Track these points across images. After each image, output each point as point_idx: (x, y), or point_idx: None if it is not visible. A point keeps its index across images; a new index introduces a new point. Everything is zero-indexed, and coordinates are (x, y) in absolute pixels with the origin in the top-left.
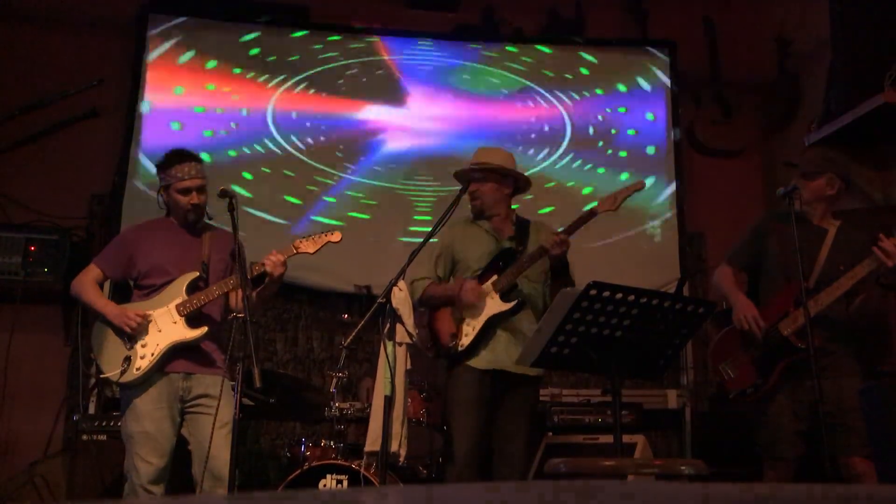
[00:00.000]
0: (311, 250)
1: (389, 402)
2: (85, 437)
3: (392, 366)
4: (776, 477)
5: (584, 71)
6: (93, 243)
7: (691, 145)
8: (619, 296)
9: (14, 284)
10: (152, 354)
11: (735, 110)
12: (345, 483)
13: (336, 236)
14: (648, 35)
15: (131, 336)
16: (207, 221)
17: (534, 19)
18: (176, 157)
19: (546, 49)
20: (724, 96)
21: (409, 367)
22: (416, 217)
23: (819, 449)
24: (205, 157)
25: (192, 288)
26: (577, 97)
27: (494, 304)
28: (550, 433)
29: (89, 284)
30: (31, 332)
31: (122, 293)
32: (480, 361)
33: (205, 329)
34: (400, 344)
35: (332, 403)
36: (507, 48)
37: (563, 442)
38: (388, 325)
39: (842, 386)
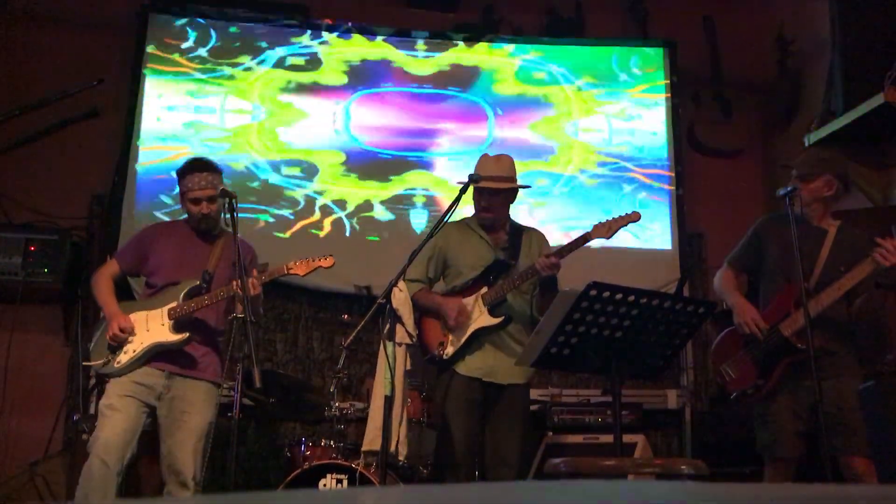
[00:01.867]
0: (302, 272)
1: (389, 402)
2: (85, 437)
3: (392, 366)
4: (777, 477)
5: (583, 71)
6: (93, 243)
7: (691, 145)
8: (619, 296)
9: (14, 284)
10: (134, 351)
11: (735, 110)
12: (345, 483)
13: (328, 262)
14: (648, 35)
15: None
16: (225, 228)
17: (534, 19)
18: (189, 167)
19: (545, 48)
20: (724, 96)
21: (408, 367)
22: (416, 218)
23: (819, 449)
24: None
25: (191, 295)
26: (575, 97)
27: (482, 318)
28: (550, 433)
29: (103, 279)
30: (31, 332)
31: (119, 291)
32: (467, 368)
33: (185, 335)
34: (400, 344)
35: (332, 403)
36: (506, 47)
37: (563, 442)
38: (387, 326)
39: (842, 386)
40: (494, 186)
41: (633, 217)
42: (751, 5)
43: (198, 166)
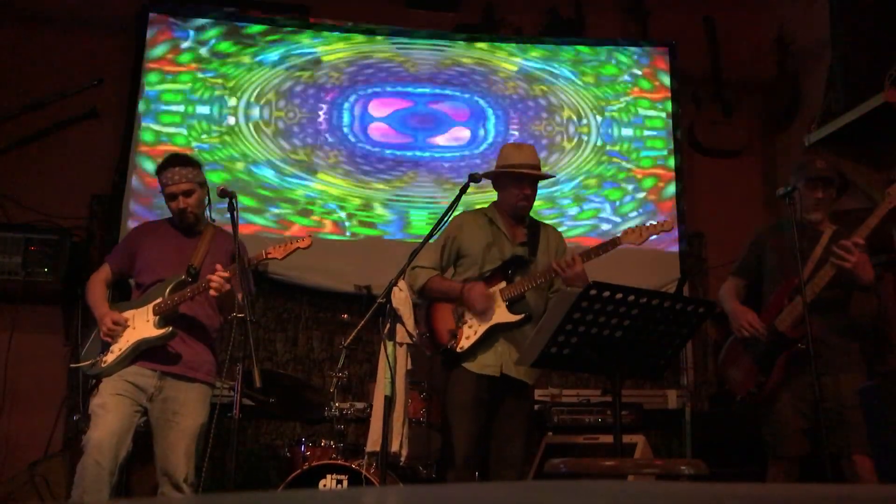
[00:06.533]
0: (280, 256)
1: (390, 402)
2: (84, 437)
3: (392, 366)
4: (780, 475)
5: (582, 71)
6: (93, 243)
7: (691, 145)
8: (619, 296)
9: (14, 284)
10: (120, 349)
11: (735, 110)
12: (345, 483)
13: (305, 242)
14: (648, 35)
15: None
16: (211, 222)
17: (534, 19)
18: (163, 164)
19: (545, 49)
20: (724, 96)
21: (409, 367)
22: (416, 217)
23: (821, 446)
24: (206, 155)
25: (177, 290)
26: (576, 97)
27: (501, 313)
28: (550, 433)
29: (96, 283)
30: (31, 332)
31: (122, 295)
32: (478, 366)
33: (168, 329)
34: (400, 344)
35: (332, 403)
36: (507, 48)
37: (563, 442)
38: (388, 326)
39: (842, 383)
40: (541, 175)
41: (666, 226)
42: (751, 5)
43: (172, 161)
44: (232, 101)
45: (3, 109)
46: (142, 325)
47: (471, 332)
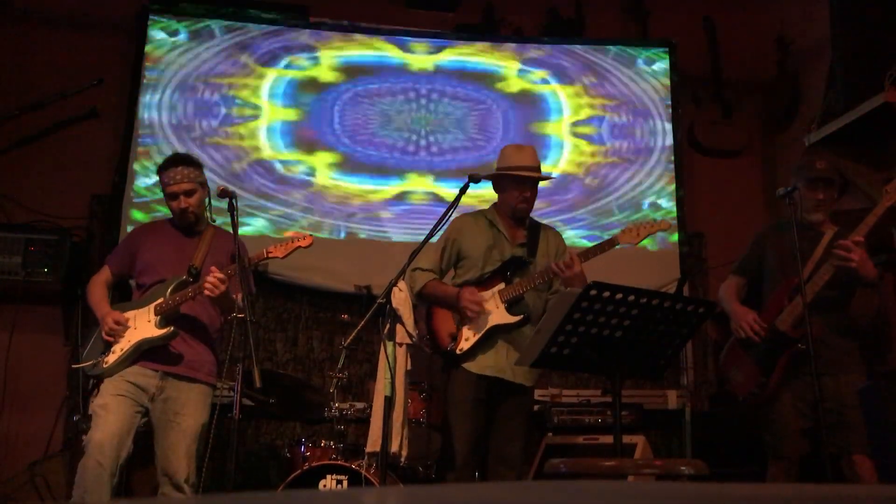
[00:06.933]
0: (281, 255)
1: (389, 402)
2: (85, 437)
3: (392, 366)
4: (780, 476)
5: (583, 70)
6: (93, 243)
7: (691, 145)
8: (619, 296)
9: (14, 284)
10: (121, 350)
11: (735, 110)
12: (345, 483)
13: (306, 241)
14: (648, 35)
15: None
16: (211, 223)
17: (534, 19)
18: (165, 164)
19: (545, 48)
20: (724, 96)
21: (409, 367)
22: (416, 217)
23: (821, 447)
24: (205, 155)
25: (178, 290)
26: (576, 97)
27: (500, 315)
28: (550, 433)
29: (97, 285)
30: (31, 332)
31: (122, 295)
32: (478, 366)
33: (170, 329)
34: (400, 344)
35: (331, 404)
36: (506, 47)
37: (563, 442)
38: (388, 326)
39: (842, 383)
40: (540, 177)
41: (663, 225)
42: (751, 5)
43: (173, 161)
44: (231, 101)
45: (3, 109)
46: (143, 325)
47: (470, 334)
